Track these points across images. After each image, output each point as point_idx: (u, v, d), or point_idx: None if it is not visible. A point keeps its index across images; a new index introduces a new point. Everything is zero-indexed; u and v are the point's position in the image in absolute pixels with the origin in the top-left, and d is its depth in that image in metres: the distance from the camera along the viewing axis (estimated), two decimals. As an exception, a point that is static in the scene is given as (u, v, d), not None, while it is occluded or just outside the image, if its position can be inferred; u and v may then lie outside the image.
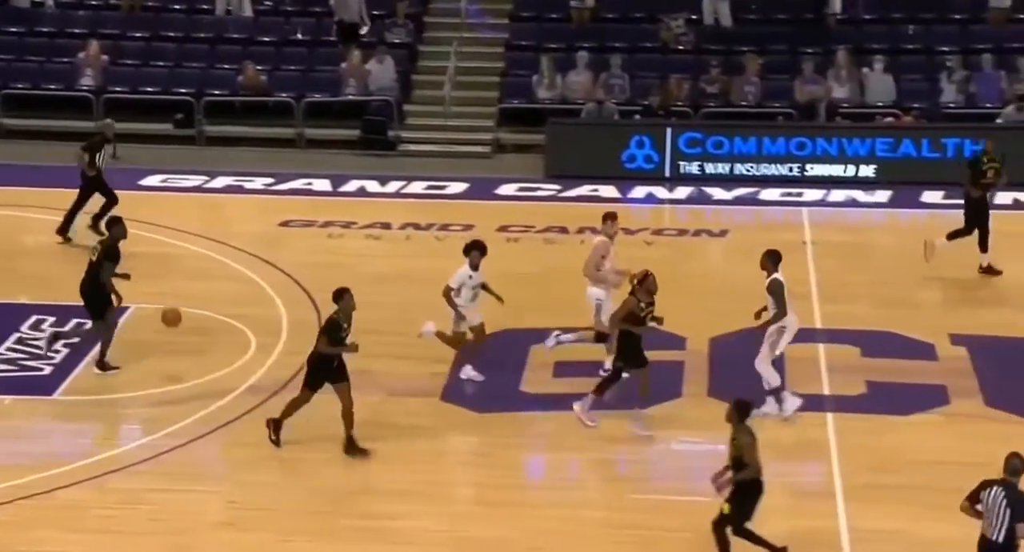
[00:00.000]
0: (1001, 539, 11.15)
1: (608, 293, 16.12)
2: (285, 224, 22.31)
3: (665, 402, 15.76)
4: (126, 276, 16.49)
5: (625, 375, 15.02)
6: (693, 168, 24.96)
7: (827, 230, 21.82)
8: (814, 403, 15.83)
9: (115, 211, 19.52)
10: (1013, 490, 11.17)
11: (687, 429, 15.17)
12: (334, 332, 14.37)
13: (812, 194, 24.02)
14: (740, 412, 12.35)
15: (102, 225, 18.93)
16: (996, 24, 27.68)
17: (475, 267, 15.98)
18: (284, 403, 14.87)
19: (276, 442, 14.67)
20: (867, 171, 24.74)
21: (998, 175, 19.94)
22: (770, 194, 24.11)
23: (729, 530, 12.30)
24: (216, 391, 16.06)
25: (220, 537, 13.15)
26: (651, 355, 16.17)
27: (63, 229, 20.73)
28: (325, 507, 13.67)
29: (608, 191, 24.18)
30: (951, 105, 26.29)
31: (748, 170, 24.87)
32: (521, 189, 24.43)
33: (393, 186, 24.48)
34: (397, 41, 28.02)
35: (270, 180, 24.53)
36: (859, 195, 24.04)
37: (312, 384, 14.62)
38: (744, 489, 12.24)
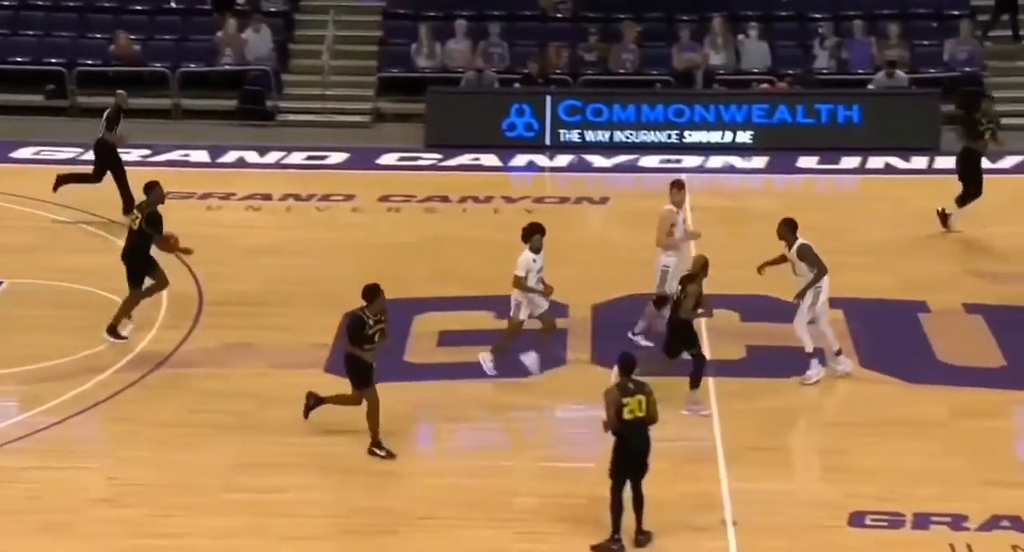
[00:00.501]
0: None
1: (678, 260, 16.02)
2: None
3: (550, 369, 15.84)
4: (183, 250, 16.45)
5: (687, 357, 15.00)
6: (573, 136, 25.04)
7: (706, 196, 21.99)
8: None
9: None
10: None
11: (572, 396, 15.25)
12: (356, 330, 13.90)
13: (691, 160, 24.23)
14: (620, 367, 12.50)
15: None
16: (867, -9, 28.09)
17: (537, 250, 15.34)
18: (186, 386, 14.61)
19: (391, 454, 13.92)
20: (744, 137, 25.01)
21: (994, 138, 20.26)
22: (649, 161, 24.28)
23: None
24: (95, 367, 15.83)
25: (100, 514, 12.99)
26: (534, 324, 16.19)
27: (127, 207, 19.98)
28: (207, 481, 13.54)
29: (489, 160, 24.19)
30: (824, 71, 26.65)
31: (627, 137, 25.01)
32: (402, 158, 24.34)
33: (273, 157, 24.25)
34: (273, 10, 27.70)
35: (146, 152, 24.14)
36: (737, 161, 24.31)
37: (359, 383, 14.00)
38: (614, 445, 12.33)
